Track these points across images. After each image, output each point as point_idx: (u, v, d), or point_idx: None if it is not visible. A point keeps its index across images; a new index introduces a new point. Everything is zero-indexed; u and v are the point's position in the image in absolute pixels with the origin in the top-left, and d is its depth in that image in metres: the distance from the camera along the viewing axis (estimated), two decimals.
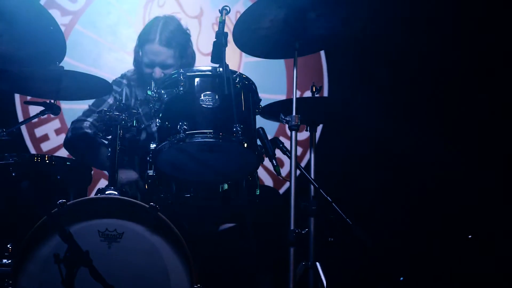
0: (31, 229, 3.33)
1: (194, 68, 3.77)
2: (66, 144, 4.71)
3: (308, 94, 5.78)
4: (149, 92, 3.72)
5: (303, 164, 5.83)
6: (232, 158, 3.70)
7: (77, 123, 4.63)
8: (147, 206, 3.39)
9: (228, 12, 3.74)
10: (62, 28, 5.48)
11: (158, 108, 3.72)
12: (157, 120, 3.72)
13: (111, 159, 3.76)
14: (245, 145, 3.62)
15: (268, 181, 5.93)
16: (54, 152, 5.61)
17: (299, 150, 5.83)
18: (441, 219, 5.79)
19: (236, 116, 3.59)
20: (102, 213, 3.41)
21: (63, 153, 5.57)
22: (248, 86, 3.82)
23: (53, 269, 2.96)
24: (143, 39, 4.70)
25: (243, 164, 3.78)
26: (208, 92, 3.64)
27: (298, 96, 3.90)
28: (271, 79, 6.03)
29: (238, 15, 4.11)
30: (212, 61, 3.72)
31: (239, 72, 3.78)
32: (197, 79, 3.71)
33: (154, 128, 3.76)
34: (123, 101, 3.89)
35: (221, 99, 3.63)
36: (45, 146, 5.62)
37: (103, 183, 5.60)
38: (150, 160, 3.72)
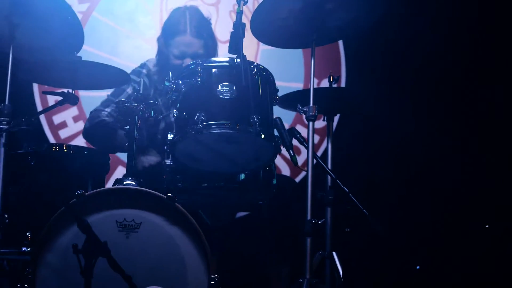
0: (50, 220, 3.35)
1: (212, 59, 3.77)
2: (85, 135, 4.74)
3: (325, 82, 5.79)
4: (166, 83, 3.73)
5: (320, 152, 5.83)
6: (249, 149, 3.71)
7: (94, 113, 4.66)
8: (165, 197, 3.41)
9: (245, 3, 3.73)
10: (80, 16, 5.54)
11: (175, 99, 3.74)
12: (175, 110, 3.73)
13: (129, 150, 3.78)
14: (262, 136, 3.62)
15: (285, 169, 5.93)
16: (72, 139, 5.64)
17: (316, 138, 5.85)
18: (458, 213, 5.75)
19: (254, 107, 3.60)
20: (120, 204, 3.43)
21: (81, 140, 5.59)
22: (265, 77, 3.83)
23: (72, 259, 2.96)
24: (172, 31, 4.72)
25: (260, 155, 3.78)
26: (225, 83, 3.65)
27: (315, 85, 3.91)
28: (288, 66, 6.03)
29: (257, 4, 4.11)
30: (230, 51, 3.72)
31: (257, 63, 3.78)
32: (214, 70, 3.72)
33: (172, 118, 3.77)
34: (141, 92, 3.89)
35: (239, 90, 3.64)
36: (63, 133, 5.65)
37: (120, 170, 5.63)
38: (168, 150, 3.74)
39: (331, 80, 4.43)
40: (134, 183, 3.62)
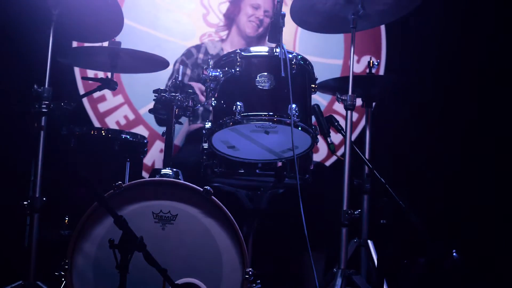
0: (87, 211, 3.38)
1: (250, 48, 3.74)
2: None
3: (365, 59, 5.75)
4: (205, 72, 3.72)
5: (356, 132, 5.79)
6: (287, 140, 3.68)
7: None
8: (201, 189, 3.42)
9: None
10: None
11: (214, 88, 3.73)
12: (213, 99, 3.73)
13: (167, 139, 3.79)
14: (300, 128, 3.61)
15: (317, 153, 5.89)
16: (110, 113, 5.65)
17: (354, 116, 5.76)
18: (497, 206, 5.66)
19: (292, 98, 3.57)
20: (157, 195, 3.44)
21: (119, 115, 5.64)
22: (304, 67, 3.80)
23: (108, 249, 2.99)
24: None
25: (297, 145, 3.76)
26: (264, 73, 3.62)
27: (355, 62, 3.87)
28: (328, 43, 5.95)
29: None
30: (269, 40, 3.71)
31: (296, 53, 3.75)
32: (253, 60, 3.69)
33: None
34: (180, 78, 3.89)
35: (277, 81, 3.61)
36: (102, 107, 5.65)
37: (158, 145, 5.66)
38: (205, 138, 3.75)
39: (371, 65, 4.39)
40: (171, 173, 3.64)
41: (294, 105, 3.58)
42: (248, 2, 5.48)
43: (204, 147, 3.83)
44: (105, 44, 4.02)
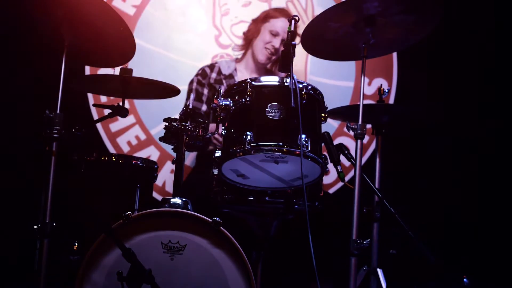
0: (96, 240, 3.39)
1: (261, 78, 3.74)
2: None
3: (377, 81, 5.75)
4: (215, 101, 3.73)
5: (366, 155, 5.78)
6: (296, 169, 3.68)
7: None
8: (210, 220, 3.42)
9: (297, 21, 3.72)
10: (133, 10, 5.55)
11: (224, 117, 3.73)
12: (223, 128, 3.75)
13: (177, 167, 3.80)
14: (309, 159, 3.61)
15: None
16: (122, 133, 5.68)
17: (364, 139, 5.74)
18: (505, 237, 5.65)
19: (301, 128, 3.57)
20: (166, 225, 3.45)
21: (130, 135, 5.67)
22: (314, 97, 3.81)
23: (116, 280, 3.02)
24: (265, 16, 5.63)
25: (307, 174, 3.76)
26: (274, 103, 3.62)
27: (366, 84, 3.86)
28: (339, 65, 5.96)
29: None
30: (280, 70, 3.71)
31: (306, 83, 3.75)
32: (263, 90, 3.70)
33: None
34: (191, 106, 3.90)
35: (287, 111, 3.61)
36: (114, 127, 5.68)
37: (169, 165, 5.67)
38: (215, 166, 3.75)
39: (382, 93, 4.38)
40: (180, 203, 3.65)
41: (304, 136, 3.58)
42: (268, 28, 5.55)
43: (214, 173, 3.83)
44: (117, 69, 4.04)
